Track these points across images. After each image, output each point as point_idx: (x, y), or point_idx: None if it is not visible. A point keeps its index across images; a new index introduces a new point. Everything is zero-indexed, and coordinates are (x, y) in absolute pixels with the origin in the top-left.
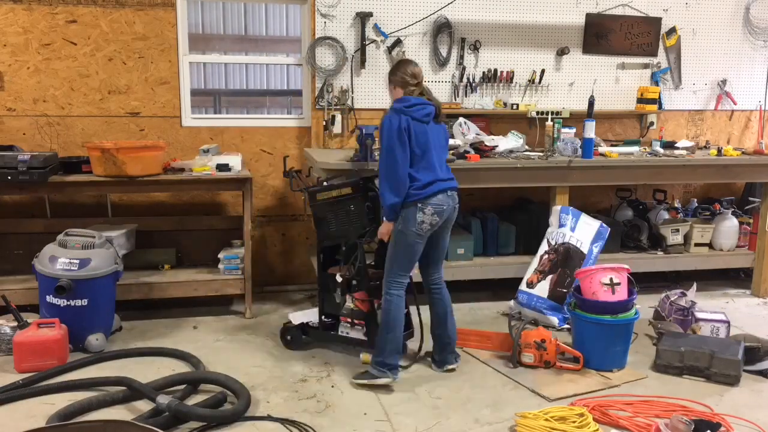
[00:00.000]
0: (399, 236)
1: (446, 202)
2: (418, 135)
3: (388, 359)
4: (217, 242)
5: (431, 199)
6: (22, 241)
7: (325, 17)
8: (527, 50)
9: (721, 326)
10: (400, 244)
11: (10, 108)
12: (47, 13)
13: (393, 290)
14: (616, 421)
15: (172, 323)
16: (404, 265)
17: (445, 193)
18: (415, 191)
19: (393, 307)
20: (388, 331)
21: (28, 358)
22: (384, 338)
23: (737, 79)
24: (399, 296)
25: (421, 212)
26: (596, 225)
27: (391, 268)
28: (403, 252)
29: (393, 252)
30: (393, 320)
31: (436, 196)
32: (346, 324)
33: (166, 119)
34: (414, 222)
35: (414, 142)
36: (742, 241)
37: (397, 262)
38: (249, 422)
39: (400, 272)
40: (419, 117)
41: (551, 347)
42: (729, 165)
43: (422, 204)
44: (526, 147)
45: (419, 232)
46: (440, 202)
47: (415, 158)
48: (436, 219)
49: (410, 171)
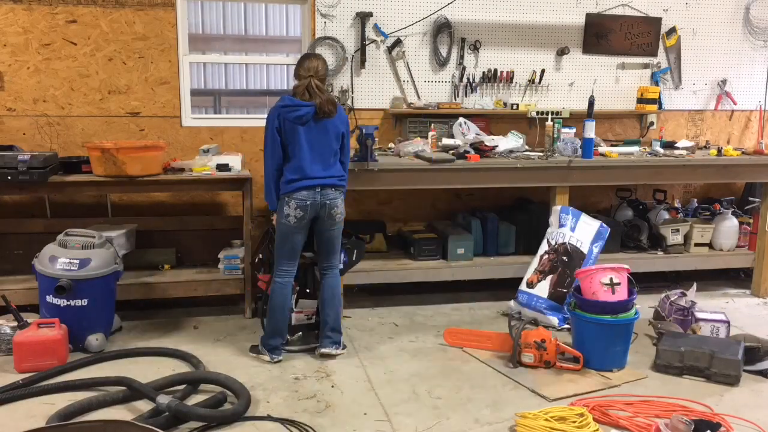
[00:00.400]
0: (278, 227)
1: (311, 197)
2: (289, 135)
3: (269, 340)
4: (217, 242)
5: (295, 194)
6: (22, 241)
7: (325, 17)
8: (527, 50)
9: (721, 326)
10: (278, 235)
11: (10, 108)
12: (47, 13)
13: (277, 278)
14: (616, 421)
15: (172, 323)
16: (285, 254)
17: (311, 190)
18: (283, 185)
19: (274, 294)
20: (270, 315)
21: (28, 358)
22: (268, 321)
23: (737, 79)
24: (281, 284)
25: (287, 206)
26: (596, 225)
27: (277, 258)
28: (281, 242)
29: (276, 242)
30: (274, 306)
31: (299, 191)
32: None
33: (166, 119)
34: (282, 214)
35: (286, 140)
36: (742, 241)
37: (279, 252)
38: (249, 422)
39: (282, 260)
40: (291, 119)
41: (551, 347)
42: (729, 165)
43: (288, 198)
44: (526, 147)
45: (288, 224)
46: (303, 198)
47: (287, 156)
48: (300, 213)
49: (284, 166)
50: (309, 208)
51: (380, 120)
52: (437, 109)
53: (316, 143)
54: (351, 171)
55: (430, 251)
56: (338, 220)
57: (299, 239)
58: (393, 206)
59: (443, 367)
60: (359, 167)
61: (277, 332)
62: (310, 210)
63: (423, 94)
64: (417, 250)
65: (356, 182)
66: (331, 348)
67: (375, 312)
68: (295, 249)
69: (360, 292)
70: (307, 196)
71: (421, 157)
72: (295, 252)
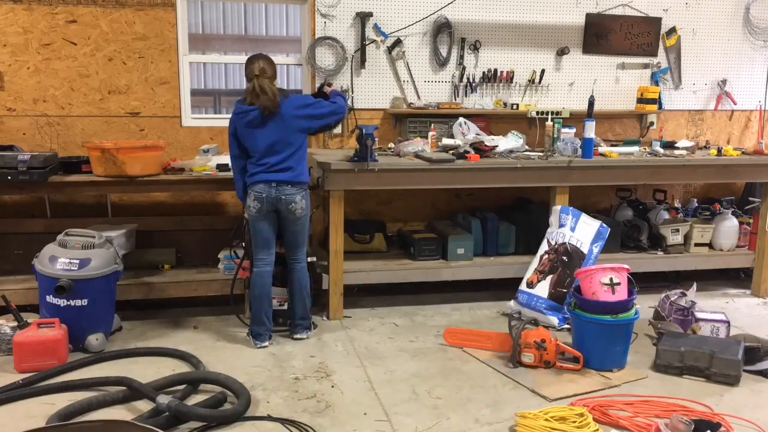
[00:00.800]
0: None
1: (266, 191)
2: (245, 137)
3: (253, 327)
4: (217, 242)
5: (254, 187)
6: (22, 241)
7: (325, 17)
8: (527, 50)
9: (721, 326)
10: (250, 225)
11: (10, 108)
12: (47, 13)
13: (254, 267)
14: (616, 421)
15: (172, 323)
16: (258, 244)
17: (267, 184)
18: (246, 179)
19: (253, 283)
20: (252, 303)
21: (28, 358)
22: (252, 309)
23: (737, 79)
24: (258, 273)
25: (249, 198)
26: (596, 225)
27: (253, 248)
28: (252, 231)
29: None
30: (253, 295)
31: (257, 185)
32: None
33: (166, 119)
34: (246, 204)
35: (244, 142)
36: (742, 241)
37: (253, 241)
38: (249, 422)
39: (257, 250)
40: (243, 124)
41: (551, 347)
42: (729, 165)
43: (249, 190)
44: (526, 147)
45: (251, 213)
46: (260, 191)
47: (249, 153)
48: (257, 204)
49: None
50: (265, 200)
51: (380, 120)
52: (437, 109)
53: (271, 141)
54: (351, 171)
55: (430, 251)
56: (299, 215)
57: (265, 228)
58: (393, 206)
59: (443, 367)
60: (359, 167)
61: (259, 320)
62: (266, 203)
63: (423, 94)
64: (417, 250)
65: (356, 182)
66: (303, 333)
67: (375, 312)
68: (265, 237)
69: (360, 292)
70: (263, 190)
71: (421, 157)
72: (265, 241)
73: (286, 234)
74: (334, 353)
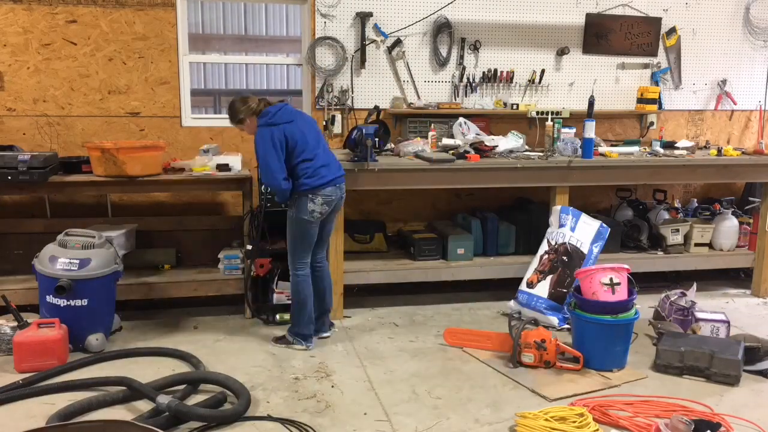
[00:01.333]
0: (297, 223)
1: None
2: (298, 137)
3: (302, 330)
4: (217, 242)
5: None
6: (22, 241)
7: (325, 17)
8: (527, 50)
9: (721, 326)
10: (298, 231)
11: (10, 108)
12: (47, 13)
13: (299, 272)
14: (616, 421)
15: (172, 323)
16: (305, 248)
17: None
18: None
19: (302, 287)
20: (299, 306)
21: (28, 358)
22: (297, 312)
23: (737, 79)
24: (304, 277)
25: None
26: (596, 225)
27: (296, 252)
28: (301, 237)
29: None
30: (306, 297)
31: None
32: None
33: (166, 119)
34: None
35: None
36: (742, 241)
37: (299, 246)
38: (249, 422)
39: (303, 254)
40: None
41: (551, 347)
42: (729, 165)
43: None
44: (526, 147)
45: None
46: (330, 194)
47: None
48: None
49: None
50: (332, 203)
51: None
52: (437, 109)
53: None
54: (351, 171)
55: (430, 251)
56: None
57: (316, 231)
58: (393, 206)
59: (443, 367)
60: (359, 167)
61: (309, 322)
62: (332, 205)
63: (423, 94)
64: (417, 250)
65: (356, 182)
66: (329, 331)
67: (375, 312)
68: (313, 241)
69: (360, 292)
70: (332, 192)
71: (421, 157)
72: (312, 244)
73: (323, 233)
74: (334, 353)
